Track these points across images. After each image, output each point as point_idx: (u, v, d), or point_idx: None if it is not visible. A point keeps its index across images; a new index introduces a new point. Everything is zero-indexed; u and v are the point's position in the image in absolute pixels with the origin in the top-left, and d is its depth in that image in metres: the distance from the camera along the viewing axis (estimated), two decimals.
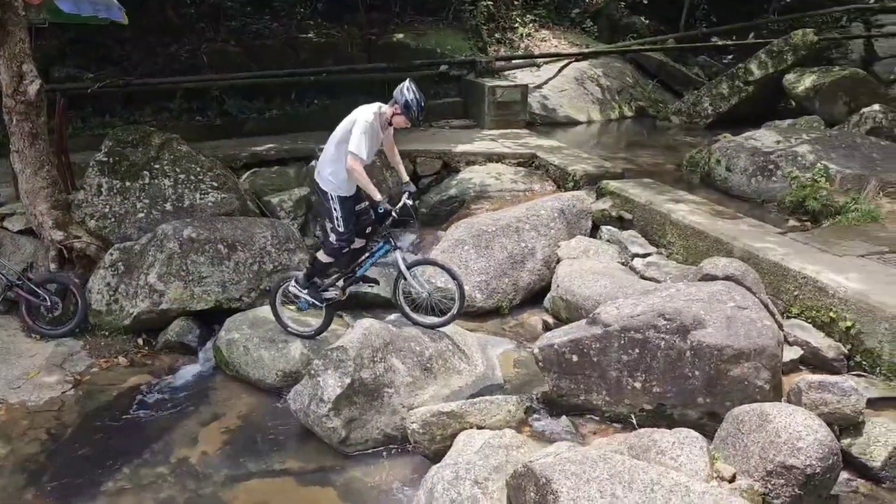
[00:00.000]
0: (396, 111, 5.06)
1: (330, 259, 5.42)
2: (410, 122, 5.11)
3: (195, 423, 5.14)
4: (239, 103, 9.82)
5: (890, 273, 5.26)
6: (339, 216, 5.20)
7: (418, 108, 5.00)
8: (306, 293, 5.48)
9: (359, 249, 5.50)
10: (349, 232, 5.25)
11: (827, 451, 3.70)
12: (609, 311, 4.77)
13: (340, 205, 5.18)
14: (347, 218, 5.21)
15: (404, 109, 5.01)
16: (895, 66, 14.03)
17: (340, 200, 5.17)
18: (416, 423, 4.60)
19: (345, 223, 5.22)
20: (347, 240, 5.30)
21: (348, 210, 5.21)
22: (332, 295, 5.51)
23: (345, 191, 5.17)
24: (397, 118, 5.10)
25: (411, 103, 4.98)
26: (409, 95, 4.98)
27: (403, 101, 4.99)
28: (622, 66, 13.06)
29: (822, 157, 7.44)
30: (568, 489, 3.38)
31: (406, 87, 5.01)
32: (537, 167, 8.55)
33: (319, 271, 5.51)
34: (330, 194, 5.18)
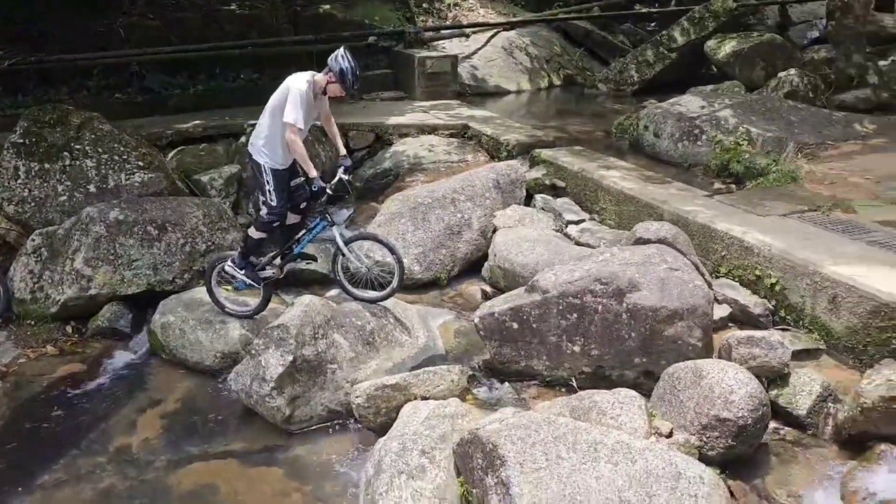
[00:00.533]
0: (331, 79, 4.94)
1: (262, 234, 5.31)
2: (345, 91, 5.00)
3: (133, 410, 5.01)
4: (161, 79, 9.45)
5: (809, 231, 5.51)
6: (271, 189, 5.09)
7: (353, 76, 4.89)
8: (243, 273, 5.37)
9: (295, 226, 5.41)
10: (281, 206, 5.15)
11: (757, 403, 3.89)
12: (547, 278, 4.86)
13: (273, 177, 5.07)
14: (280, 192, 5.11)
15: (339, 78, 4.90)
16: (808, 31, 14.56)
17: (273, 173, 5.06)
18: (360, 398, 4.61)
19: (277, 197, 5.11)
20: (279, 214, 5.19)
21: (281, 183, 5.11)
22: (270, 273, 5.43)
23: (278, 163, 5.07)
24: (332, 86, 4.98)
25: (346, 71, 4.87)
26: (343, 63, 4.87)
27: (338, 68, 4.87)
28: (550, 35, 13.14)
29: (743, 120, 7.70)
30: (514, 453, 3.45)
31: (340, 54, 4.91)
32: (470, 138, 8.55)
33: (254, 248, 5.40)
34: (263, 166, 5.07)
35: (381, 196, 7.63)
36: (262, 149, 5.06)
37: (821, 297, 4.80)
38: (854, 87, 8.95)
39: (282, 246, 5.43)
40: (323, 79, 4.98)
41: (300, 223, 5.44)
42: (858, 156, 7.29)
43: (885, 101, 8.90)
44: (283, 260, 5.44)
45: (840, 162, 7.12)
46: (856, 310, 4.58)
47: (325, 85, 4.99)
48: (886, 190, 6.39)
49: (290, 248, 5.39)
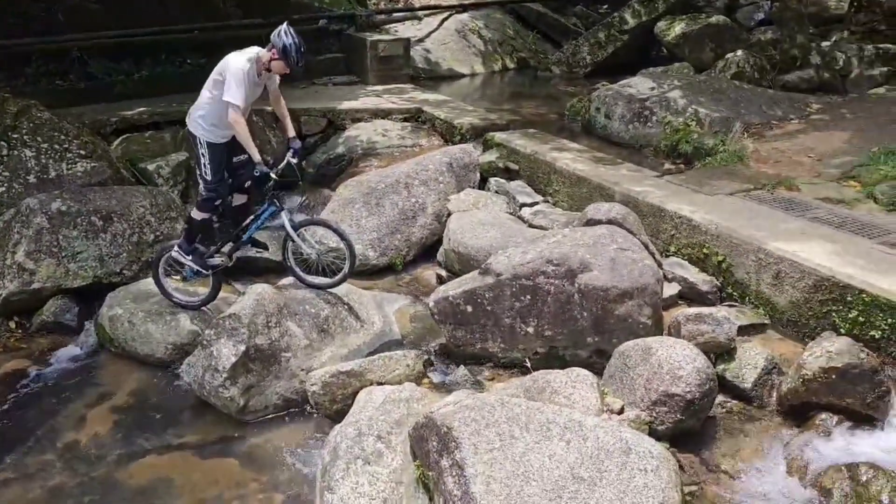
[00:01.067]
0: (274, 56, 4.82)
1: (203, 214, 5.19)
2: (289, 68, 4.88)
3: (82, 405, 4.90)
4: (104, 65, 9.15)
5: (755, 209, 5.64)
6: (206, 162, 4.98)
7: (297, 52, 4.77)
8: (190, 259, 5.26)
9: (243, 209, 5.31)
10: (217, 182, 5.05)
11: (704, 378, 3.98)
12: (500, 261, 4.88)
13: (209, 150, 4.96)
14: (216, 166, 5.00)
15: (282, 54, 4.77)
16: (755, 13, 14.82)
17: (209, 146, 4.96)
18: (315, 385, 4.59)
19: (213, 171, 5.00)
20: (216, 190, 5.08)
21: (217, 157, 4.99)
22: (219, 261, 5.33)
23: (214, 137, 4.97)
24: (275, 63, 4.86)
25: (289, 47, 4.74)
26: (286, 39, 4.74)
27: (281, 44, 4.75)
28: (503, 18, 13.12)
29: (692, 101, 7.82)
30: (468, 435, 3.47)
31: (283, 30, 4.78)
32: (424, 122, 8.52)
33: (198, 230, 5.27)
34: (199, 138, 4.97)
35: (335, 182, 7.56)
36: (198, 120, 4.97)
37: (765, 273, 4.92)
38: (798, 68, 9.15)
39: (230, 232, 5.34)
40: (266, 55, 4.87)
41: (247, 206, 5.34)
42: (801, 135, 7.46)
43: (826, 81, 9.12)
44: (232, 247, 5.35)
45: (784, 141, 7.28)
46: (798, 284, 4.71)
47: (268, 62, 4.87)
48: (827, 168, 6.57)
49: (239, 235, 5.30)
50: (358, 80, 10.31)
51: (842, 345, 4.12)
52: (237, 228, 5.31)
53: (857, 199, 5.84)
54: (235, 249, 5.39)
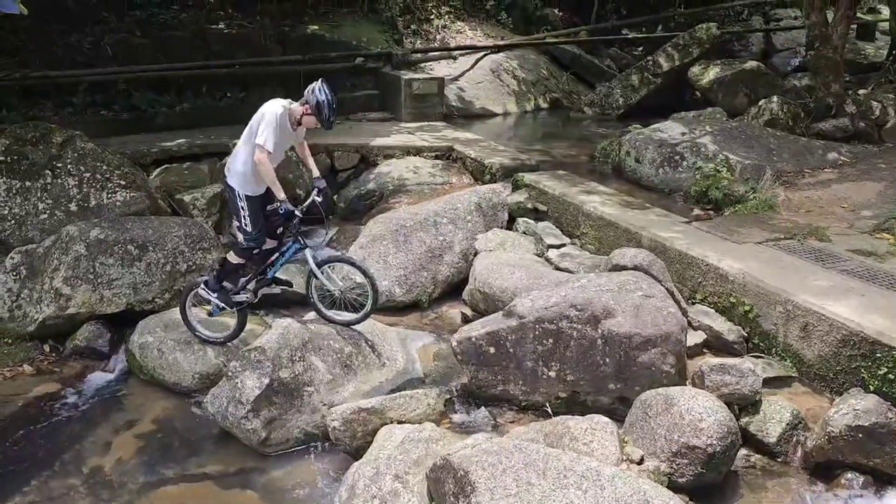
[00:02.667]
0: (307, 111, 4.95)
1: (240, 260, 5.32)
2: (321, 124, 5.00)
3: (108, 431, 4.99)
4: (147, 97, 9.48)
5: (784, 259, 5.59)
6: (246, 215, 5.11)
7: (329, 109, 4.89)
8: (216, 297, 5.36)
9: (270, 250, 5.42)
10: (257, 232, 5.17)
11: (726, 431, 3.94)
12: (524, 303, 4.90)
13: (248, 203, 5.09)
14: (255, 218, 5.12)
15: (315, 110, 4.90)
16: (791, 58, 14.82)
17: (248, 199, 5.09)
18: (336, 421, 4.61)
19: (252, 223, 5.13)
20: (256, 240, 5.20)
21: (256, 209, 5.12)
22: (244, 298, 5.42)
23: (252, 189, 5.09)
24: (307, 118, 4.99)
25: (322, 105, 4.87)
26: (320, 96, 4.87)
27: (315, 101, 4.88)
28: (537, 59, 13.29)
29: (723, 147, 7.81)
30: (485, 480, 3.47)
31: (318, 87, 4.91)
32: (454, 160, 8.63)
33: (229, 273, 5.40)
34: (238, 192, 5.09)
35: (365, 217, 7.68)
36: (237, 174, 5.09)
37: (793, 325, 4.87)
38: (832, 116, 9.09)
39: (256, 270, 5.45)
40: (299, 109, 4.99)
41: (275, 250, 5.44)
42: (835, 184, 7.40)
43: (861, 130, 9.04)
44: (257, 284, 5.44)
45: (816, 190, 7.22)
46: (826, 338, 4.65)
47: (300, 116, 5.01)
48: (860, 219, 6.50)
49: (265, 271, 5.40)
50: (392, 117, 10.51)
51: (869, 402, 4.05)
52: (263, 266, 5.42)
53: (890, 253, 5.76)
54: (260, 287, 5.48)
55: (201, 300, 5.50)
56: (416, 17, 12.77)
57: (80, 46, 9.73)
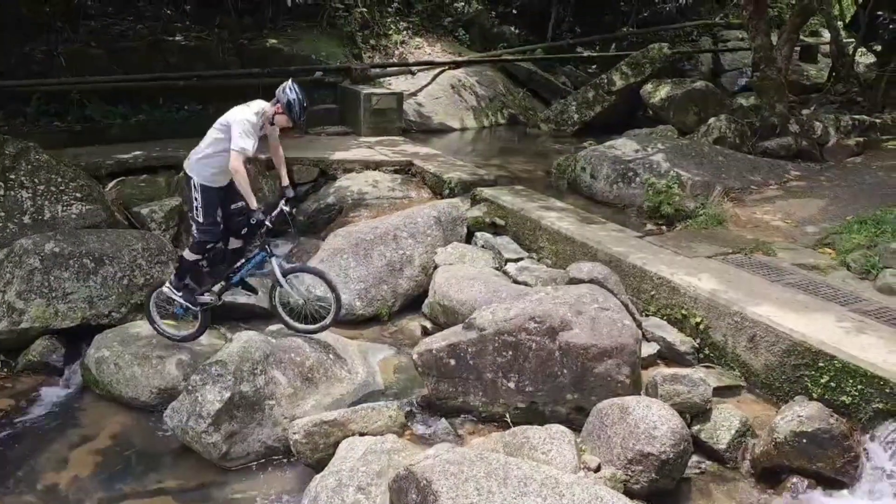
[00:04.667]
0: (278, 110, 5.08)
1: (195, 256, 5.33)
2: (293, 122, 5.14)
3: (64, 447, 4.91)
4: (102, 108, 9.38)
5: (732, 272, 5.81)
6: (198, 205, 5.14)
7: (300, 107, 5.04)
8: (180, 295, 5.39)
9: (236, 251, 5.45)
10: (208, 225, 5.19)
11: (679, 438, 4.08)
12: (484, 316, 5.00)
13: (202, 193, 5.13)
14: (207, 209, 5.15)
15: (286, 109, 5.04)
16: (739, 78, 15.34)
17: (202, 189, 5.12)
18: (298, 434, 4.62)
19: (204, 214, 5.15)
20: (207, 233, 5.22)
21: (210, 200, 5.15)
22: (208, 300, 5.45)
23: (208, 180, 5.14)
24: (279, 117, 5.12)
25: (293, 103, 5.01)
26: (291, 95, 5.01)
27: (286, 100, 5.02)
28: (494, 75, 13.50)
29: (675, 164, 8.07)
30: (447, 489, 3.54)
31: (288, 86, 5.05)
32: (414, 174, 8.72)
33: (187, 270, 5.41)
34: (193, 180, 5.14)
35: (325, 231, 7.71)
36: (195, 164, 5.16)
37: (741, 336, 5.06)
38: (777, 135, 9.46)
39: (223, 272, 5.46)
40: (271, 109, 5.11)
41: (242, 250, 5.48)
42: (779, 200, 7.70)
43: (804, 149, 9.42)
44: (222, 287, 5.47)
45: (763, 206, 7.52)
46: (772, 348, 4.85)
47: (272, 115, 5.12)
48: (804, 234, 6.79)
49: (230, 276, 5.44)
50: (351, 132, 10.56)
51: (812, 409, 4.24)
52: (229, 270, 5.44)
53: (832, 266, 6.03)
54: (225, 290, 5.52)
55: (166, 304, 5.47)
56: (375, 32, 12.87)
57: (34, 56, 9.57)
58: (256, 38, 11.50)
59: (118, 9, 11.05)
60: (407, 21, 13.62)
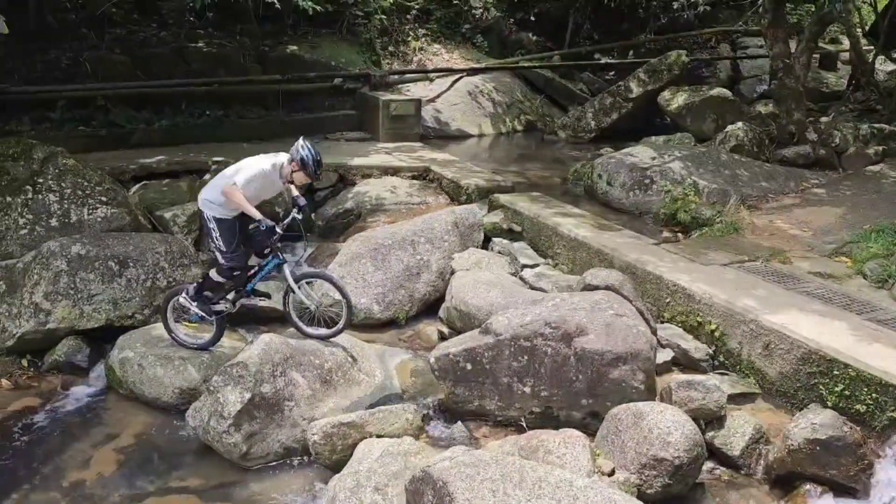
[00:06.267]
0: (295, 168, 5.25)
1: (221, 279, 5.49)
2: (310, 178, 5.33)
3: (88, 445, 5.03)
4: (126, 113, 9.54)
5: (748, 280, 5.83)
6: (217, 236, 5.33)
7: (314, 163, 5.20)
8: (196, 305, 5.54)
9: (256, 265, 5.59)
10: (234, 252, 5.36)
11: (692, 444, 4.12)
12: (500, 321, 5.06)
13: (218, 225, 5.31)
14: (228, 237, 5.33)
15: (301, 166, 5.21)
16: (757, 85, 15.29)
17: (217, 221, 5.31)
18: (316, 435, 4.72)
19: (226, 243, 5.33)
20: (234, 259, 5.39)
21: (228, 230, 5.33)
22: (223, 308, 5.59)
23: (220, 213, 5.31)
24: (297, 175, 5.29)
25: (307, 159, 5.18)
26: (303, 152, 5.19)
27: (299, 157, 5.19)
28: (512, 81, 13.56)
29: (691, 172, 8.10)
30: (463, 490, 3.60)
31: (301, 145, 5.22)
32: (431, 180, 8.81)
33: (209, 288, 5.57)
34: (206, 214, 5.33)
35: (343, 235, 7.81)
36: (206, 200, 5.33)
37: (756, 344, 5.09)
38: (795, 144, 9.45)
39: (238, 282, 5.59)
40: (288, 168, 5.29)
41: (261, 267, 5.62)
42: (797, 209, 7.70)
43: (823, 158, 9.41)
44: (236, 295, 5.61)
45: (779, 215, 7.52)
46: (787, 356, 4.87)
47: (290, 174, 5.30)
48: (820, 243, 6.79)
49: (244, 284, 5.58)
50: (370, 137, 10.66)
51: (826, 417, 4.26)
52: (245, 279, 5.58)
53: (848, 275, 6.04)
54: (239, 297, 5.66)
55: (182, 310, 5.61)
56: (394, 39, 12.99)
57: (59, 62, 9.77)
58: (277, 45, 11.65)
59: (142, 16, 11.23)
60: (425, 28, 13.73)
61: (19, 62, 9.48)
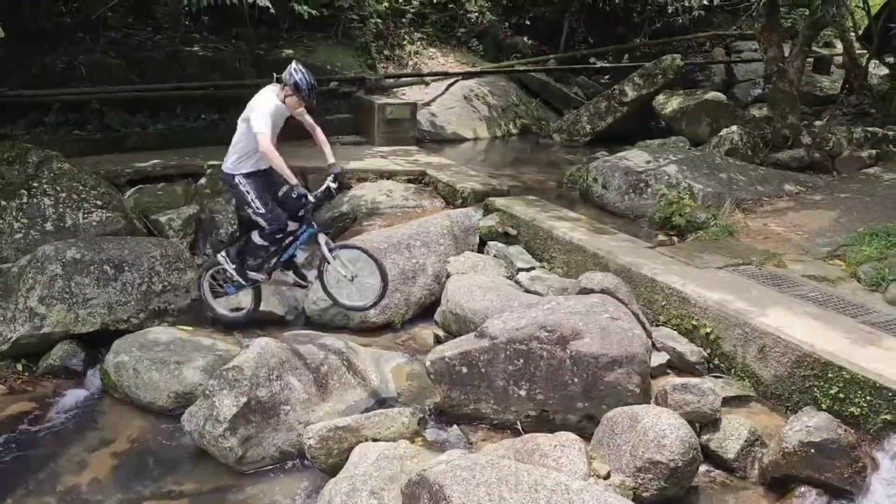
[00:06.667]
0: (287, 93, 5.11)
1: (264, 242, 5.44)
2: (304, 102, 5.17)
3: (83, 450, 5.01)
4: (121, 117, 9.55)
5: (743, 283, 5.85)
6: (252, 197, 5.21)
7: (308, 86, 5.06)
8: (234, 267, 5.53)
9: (293, 231, 5.54)
10: (271, 211, 5.24)
11: (688, 447, 4.13)
12: (495, 325, 5.07)
13: (247, 181, 5.20)
14: (261, 195, 5.23)
15: (294, 90, 5.06)
16: (751, 88, 15.36)
17: (246, 177, 5.20)
18: (312, 439, 4.71)
19: (261, 201, 5.23)
20: (274, 220, 5.28)
21: (257, 186, 5.22)
22: (258, 276, 5.57)
23: (248, 167, 5.22)
24: (290, 100, 5.15)
25: (300, 83, 5.03)
26: (297, 76, 5.04)
27: (293, 81, 5.04)
28: (507, 85, 13.60)
29: (686, 176, 8.13)
30: (459, 494, 3.60)
31: (293, 67, 5.09)
32: (427, 184, 8.82)
33: (251, 252, 5.53)
34: (235, 176, 5.22)
35: (339, 239, 7.79)
36: (231, 163, 5.25)
37: (751, 347, 5.11)
38: (789, 147, 9.50)
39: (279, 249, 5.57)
40: (281, 94, 5.16)
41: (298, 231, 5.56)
42: (791, 212, 7.74)
43: (817, 161, 9.46)
44: (271, 265, 5.59)
45: (774, 218, 7.55)
46: (781, 359, 4.89)
47: (283, 99, 5.17)
48: (814, 246, 6.82)
49: (279, 254, 5.55)
50: (365, 141, 10.68)
51: (821, 420, 4.28)
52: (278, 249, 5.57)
53: (842, 278, 6.07)
54: (274, 268, 5.63)
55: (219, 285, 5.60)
56: (389, 42, 13.02)
57: (55, 66, 9.76)
58: (273, 49, 11.67)
59: (137, 20, 11.23)
60: (421, 32, 13.77)
61: (15, 65, 9.47)
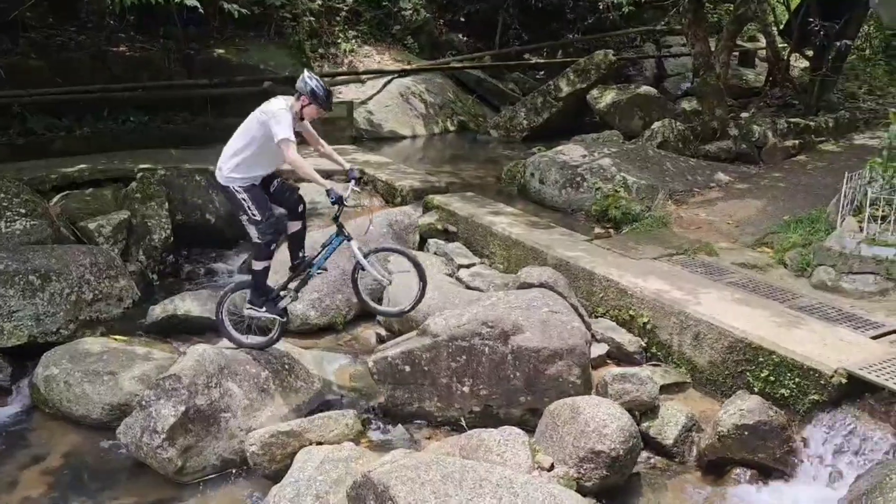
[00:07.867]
0: (304, 102, 4.91)
1: (264, 263, 5.23)
2: (323, 109, 5.02)
3: (13, 468, 4.81)
4: (45, 121, 9.18)
5: (677, 273, 6.01)
6: (250, 205, 5.03)
7: (324, 91, 4.91)
8: (265, 311, 5.29)
9: (296, 235, 5.36)
10: (266, 220, 5.09)
11: (628, 435, 4.23)
12: (437, 322, 5.08)
13: (248, 193, 5.03)
14: (260, 204, 5.06)
15: (312, 98, 4.88)
16: (681, 83, 15.76)
17: (246, 189, 5.03)
18: (255, 445, 4.63)
19: (259, 210, 5.05)
20: (267, 231, 5.11)
21: (258, 197, 5.06)
22: (288, 301, 5.39)
23: (250, 180, 5.05)
24: (307, 109, 4.96)
25: (317, 90, 4.86)
26: (312, 83, 4.86)
27: (308, 89, 4.85)
28: (443, 82, 13.63)
29: (621, 169, 8.28)
30: (405, 494, 3.60)
31: (306, 76, 4.92)
32: (366, 183, 8.76)
33: (263, 280, 5.29)
34: (232, 188, 5.03)
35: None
36: (229, 171, 5.01)
37: (686, 335, 5.25)
38: (717, 139, 9.79)
39: (292, 262, 5.38)
40: (297, 104, 4.95)
41: (301, 233, 5.39)
42: (720, 202, 7.98)
43: (744, 152, 9.77)
44: (299, 283, 5.38)
45: (705, 208, 7.78)
46: (715, 345, 5.04)
47: (300, 110, 4.97)
48: (743, 234, 7.05)
49: (307, 269, 5.32)
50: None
51: (753, 403, 4.44)
52: (296, 258, 5.38)
53: (770, 265, 6.29)
54: (303, 284, 5.42)
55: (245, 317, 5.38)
56: (324, 41, 12.88)
57: None
58: (203, 49, 11.38)
59: (59, 20, 10.81)
60: (355, 30, 13.66)
61: None
